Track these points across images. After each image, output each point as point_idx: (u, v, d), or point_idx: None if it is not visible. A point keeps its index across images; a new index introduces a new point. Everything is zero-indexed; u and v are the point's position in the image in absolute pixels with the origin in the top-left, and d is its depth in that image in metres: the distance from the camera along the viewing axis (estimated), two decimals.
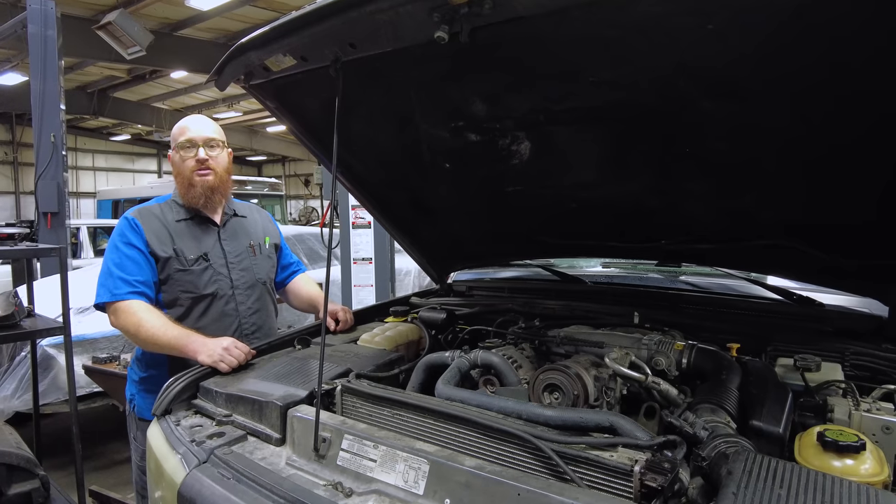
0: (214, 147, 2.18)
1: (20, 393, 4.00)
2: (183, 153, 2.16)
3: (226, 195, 2.27)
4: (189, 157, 2.15)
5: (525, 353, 1.82)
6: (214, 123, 2.26)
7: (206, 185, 2.16)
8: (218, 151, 2.19)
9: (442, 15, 1.20)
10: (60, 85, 5.88)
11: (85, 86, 16.62)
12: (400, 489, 1.22)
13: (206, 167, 2.15)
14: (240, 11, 10.98)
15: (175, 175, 2.21)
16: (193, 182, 2.15)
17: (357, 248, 5.07)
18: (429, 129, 1.87)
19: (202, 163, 2.15)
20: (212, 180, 2.17)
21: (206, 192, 2.16)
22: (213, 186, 2.17)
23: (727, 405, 1.34)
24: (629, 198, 1.88)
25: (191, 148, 2.15)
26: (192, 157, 2.14)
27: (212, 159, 2.17)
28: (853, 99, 1.25)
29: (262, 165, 30.31)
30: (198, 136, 2.16)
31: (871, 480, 1.02)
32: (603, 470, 1.10)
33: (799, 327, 1.87)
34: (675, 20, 1.18)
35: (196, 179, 2.15)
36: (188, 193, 2.17)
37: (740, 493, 0.95)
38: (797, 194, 1.60)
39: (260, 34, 1.52)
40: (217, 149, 2.19)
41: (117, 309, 2.00)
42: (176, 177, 2.20)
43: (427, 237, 2.61)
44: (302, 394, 1.55)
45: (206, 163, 2.15)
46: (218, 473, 1.36)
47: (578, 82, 1.46)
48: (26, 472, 2.14)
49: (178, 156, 2.17)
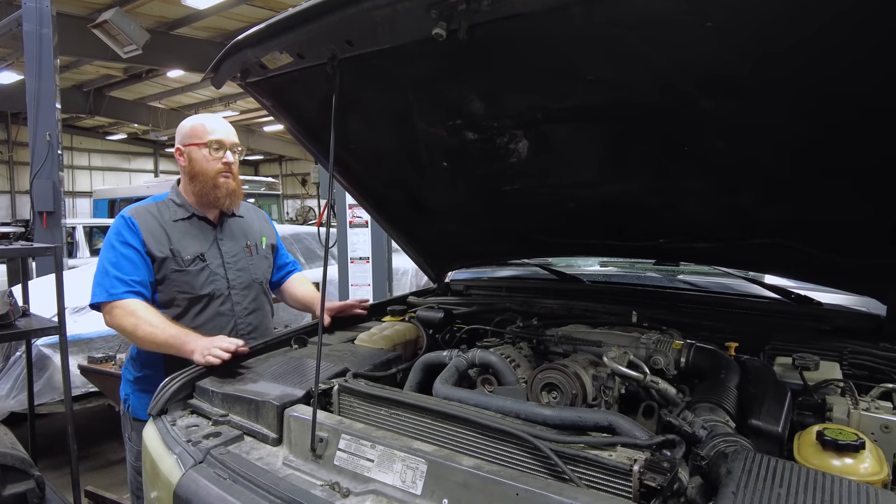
0: (236, 153, 2.23)
1: (15, 393, 3.99)
2: (212, 153, 2.16)
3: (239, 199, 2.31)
4: (217, 158, 2.16)
5: (523, 353, 1.82)
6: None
7: (229, 188, 2.19)
8: (237, 157, 2.24)
9: (440, 11, 1.20)
10: (56, 84, 5.86)
11: (81, 84, 16.56)
12: (397, 489, 1.22)
13: (229, 170, 2.19)
14: (236, 10, 10.96)
15: (191, 172, 2.18)
16: (218, 184, 2.17)
17: (354, 248, 5.06)
18: (426, 127, 1.86)
19: (228, 166, 2.18)
20: (233, 185, 2.21)
21: (229, 195, 2.20)
22: (234, 190, 2.22)
23: (726, 404, 1.34)
24: (627, 196, 1.88)
25: (219, 150, 2.17)
26: (220, 158, 2.16)
27: (234, 164, 2.22)
28: (851, 96, 1.25)
29: (259, 165, 30.27)
30: (227, 139, 2.19)
31: (871, 479, 1.01)
32: (602, 469, 1.10)
33: (797, 326, 1.87)
34: (674, 18, 1.18)
35: (220, 181, 2.17)
36: (210, 193, 2.17)
37: (739, 492, 0.95)
38: (795, 193, 1.60)
39: (256, 31, 1.51)
40: (237, 154, 2.23)
41: (113, 308, 1.99)
42: (194, 175, 2.17)
43: (424, 236, 2.61)
44: (299, 393, 1.54)
45: (231, 166, 2.19)
46: (214, 474, 1.36)
47: (577, 80, 1.45)
48: (21, 472, 2.13)
49: (203, 154, 2.16)
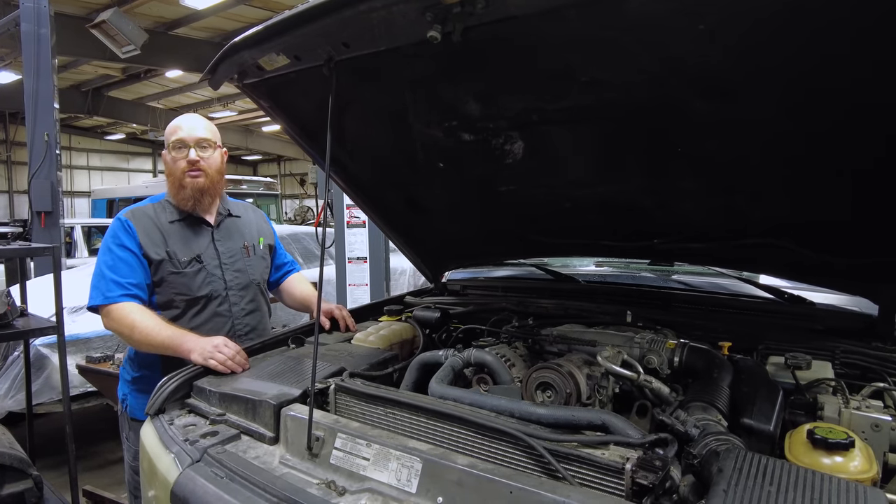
0: (206, 148, 2.14)
1: (13, 393, 4.00)
2: (175, 154, 2.12)
3: (217, 196, 2.24)
4: (180, 157, 2.11)
5: (518, 352, 1.83)
6: (208, 123, 2.21)
7: (196, 187, 2.12)
8: (210, 152, 2.15)
9: (435, 14, 1.21)
10: (54, 83, 5.87)
11: (79, 84, 16.53)
12: (393, 487, 1.23)
13: (197, 168, 2.11)
14: (235, 10, 10.96)
15: (167, 175, 2.18)
16: (184, 184, 2.12)
17: (352, 248, 5.07)
18: (422, 128, 1.87)
19: (193, 164, 2.11)
20: (202, 182, 2.13)
21: (195, 195, 2.13)
22: (204, 188, 2.14)
23: (718, 403, 1.35)
24: (622, 197, 1.89)
25: (182, 148, 2.11)
26: (183, 157, 2.11)
27: (203, 160, 2.12)
28: (843, 98, 1.26)
29: (258, 165, 30.24)
30: (189, 136, 2.11)
31: (860, 477, 1.02)
32: (594, 468, 1.11)
33: (790, 326, 1.88)
34: (668, 20, 1.19)
35: (186, 181, 2.11)
36: (178, 195, 2.15)
37: (730, 490, 0.96)
38: (788, 193, 1.61)
39: (253, 33, 1.52)
40: (209, 149, 2.14)
41: (110, 312, 1.99)
42: (168, 177, 2.18)
43: (421, 236, 2.61)
44: (295, 393, 1.55)
45: (196, 164, 2.11)
46: (211, 472, 1.36)
47: (571, 82, 1.46)
48: (19, 472, 2.13)
49: (170, 156, 2.14)
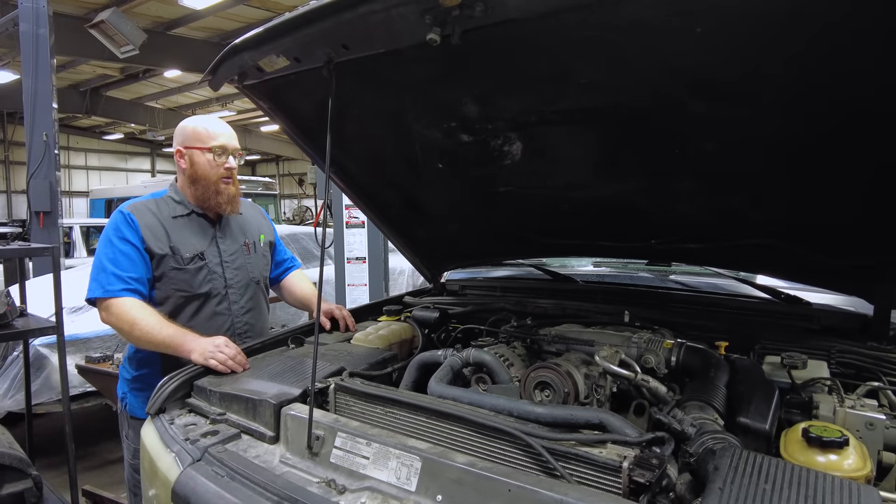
0: (237, 157, 2.24)
1: (12, 393, 3.99)
2: (217, 159, 2.17)
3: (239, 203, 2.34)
4: (220, 163, 2.17)
5: (517, 352, 1.84)
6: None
7: (230, 194, 2.21)
8: (238, 161, 2.25)
9: (434, 17, 1.22)
10: (52, 83, 5.86)
11: (77, 84, 16.50)
12: (392, 486, 1.23)
13: (230, 176, 2.20)
14: (233, 10, 10.95)
15: (192, 176, 2.17)
16: (220, 189, 2.18)
17: (351, 248, 5.07)
18: (421, 129, 1.88)
19: (231, 171, 2.20)
20: (234, 190, 2.22)
21: (230, 201, 2.22)
22: (234, 196, 2.23)
23: (715, 402, 1.36)
24: (620, 198, 1.90)
25: (223, 155, 2.18)
26: (223, 164, 2.18)
27: (235, 169, 2.23)
28: (839, 100, 1.27)
29: (257, 165, 30.24)
30: (230, 143, 2.20)
31: (854, 475, 1.04)
32: (592, 466, 1.12)
33: (786, 326, 1.89)
34: (665, 23, 1.20)
35: (222, 187, 2.19)
36: (212, 199, 2.18)
37: (726, 488, 0.97)
38: (784, 194, 1.62)
39: (253, 35, 1.53)
40: (238, 159, 2.24)
41: (110, 306, 1.98)
42: (196, 178, 2.17)
43: (420, 237, 2.62)
44: (295, 392, 1.56)
45: (232, 171, 2.21)
46: (212, 471, 1.37)
47: (570, 84, 1.47)
48: (19, 472, 2.13)
49: (207, 159, 2.16)
